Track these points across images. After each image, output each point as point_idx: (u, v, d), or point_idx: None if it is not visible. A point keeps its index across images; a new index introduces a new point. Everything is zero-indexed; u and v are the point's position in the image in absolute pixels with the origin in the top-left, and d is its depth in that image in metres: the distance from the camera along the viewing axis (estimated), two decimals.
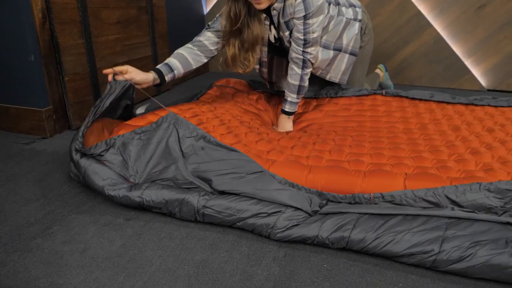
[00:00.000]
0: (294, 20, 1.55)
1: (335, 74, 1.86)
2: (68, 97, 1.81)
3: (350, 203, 1.10)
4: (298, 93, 1.67)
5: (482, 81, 2.65)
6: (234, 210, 1.07)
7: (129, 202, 1.15)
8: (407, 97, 1.90)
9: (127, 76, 1.42)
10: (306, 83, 1.67)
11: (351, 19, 1.80)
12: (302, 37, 1.58)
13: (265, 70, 1.96)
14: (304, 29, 1.56)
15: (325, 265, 0.96)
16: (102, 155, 1.24)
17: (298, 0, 1.49)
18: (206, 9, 3.17)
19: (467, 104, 1.83)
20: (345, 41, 1.79)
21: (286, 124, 1.70)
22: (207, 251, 1.01)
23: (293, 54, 1.63)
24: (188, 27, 2.95)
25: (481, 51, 2.60)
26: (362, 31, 1.89)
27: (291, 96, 1.67)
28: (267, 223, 1.04)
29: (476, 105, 1.82)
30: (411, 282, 0.91)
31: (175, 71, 1.57)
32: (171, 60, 1.58)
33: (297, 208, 1.05)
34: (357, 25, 1.83)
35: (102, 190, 1.18)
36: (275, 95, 2.00)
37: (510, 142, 1.37)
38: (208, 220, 1.10)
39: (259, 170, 1.13)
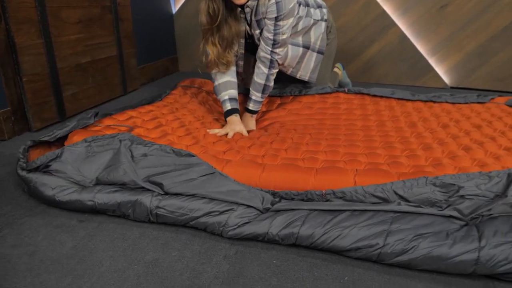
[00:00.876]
0: (266, 20, 1.57)
1: (304, 73, 1.89)
2: (27, 98, 1.77)
3: (303, 199, 1.12)
4: (263, 92, 1.68)
5: (446, 79, 2.72)
6: (187, 210, 1.07)
7: (81, 206, 1.14)
8: (368, 94, 1.94)
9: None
10: (272, 83, 1.69)
11: (318, 19, 1.83)
12: (271, 37, 1.59)
13: (241, 63, 1.94)
14: (274, 29, 1.57)
15: (274, 261, 0.98)
16: (50, 165, 1.22)
17: (272, 1, 1.50)
18: (175, 8, 3.14)
19: (426, 101, 1.88)
20: (312, 38, 1.83)
21: (249, 122, 1.71)
22: (159, 251, 1.01)
23: (261, 53, 1.64)
24: (156, 26, 2.93)
25: (444, 50, 2.66)
26: (328, 30, 1.93)
27: (255, 95, 1.69)
28: (219, 221, 1.04)
29: (435, 102, 1.87)
30: (357, 276, 0.93)
31: (236, 98, 1.69)
32: (231, 92, 1.65)
33: (249, 206, 1.06)
34: (323, 24, 1.87)
35: (53, 199, 1.16)
36: (240, 94, 2.00)
37: (462, 137, 1.42)
38: (162, 220, 1.10)
39: (210, 172, 1.13)
